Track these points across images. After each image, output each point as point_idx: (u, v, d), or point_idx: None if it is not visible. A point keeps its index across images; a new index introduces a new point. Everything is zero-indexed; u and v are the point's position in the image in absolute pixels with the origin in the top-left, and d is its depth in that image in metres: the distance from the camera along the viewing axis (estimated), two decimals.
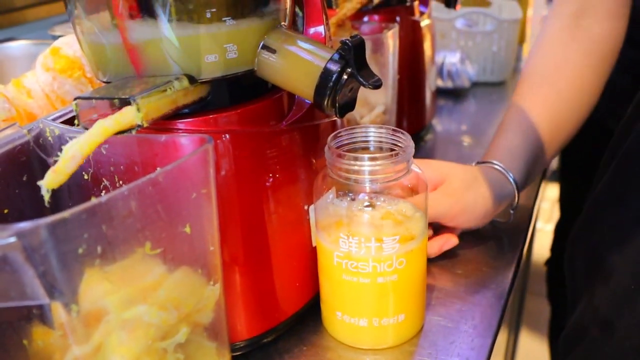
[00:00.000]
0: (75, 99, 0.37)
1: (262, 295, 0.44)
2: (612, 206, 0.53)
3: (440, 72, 1.04)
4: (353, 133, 0.45)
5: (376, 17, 0.74)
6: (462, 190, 0.55)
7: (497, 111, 1.01)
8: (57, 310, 0.33)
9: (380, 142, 0.45)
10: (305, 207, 0.46)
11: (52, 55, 0.59)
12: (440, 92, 1.06)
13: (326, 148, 0.44)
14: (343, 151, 0.43)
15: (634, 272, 0.47)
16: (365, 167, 0.42)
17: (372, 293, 0.44)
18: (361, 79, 0.38)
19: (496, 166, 0.59)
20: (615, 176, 0.53)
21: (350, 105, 0.40)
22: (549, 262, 1.14)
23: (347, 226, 0.43)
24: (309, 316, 0.49)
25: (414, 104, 0.82)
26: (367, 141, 0.46)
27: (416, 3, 0.79)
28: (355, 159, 0.42)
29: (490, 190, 0.56)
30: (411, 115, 0.82)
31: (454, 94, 1.06)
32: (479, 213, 0.56)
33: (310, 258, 0.47)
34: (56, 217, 0.28)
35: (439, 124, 0.96)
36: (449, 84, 1.05)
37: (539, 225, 2.25)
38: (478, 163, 0.61)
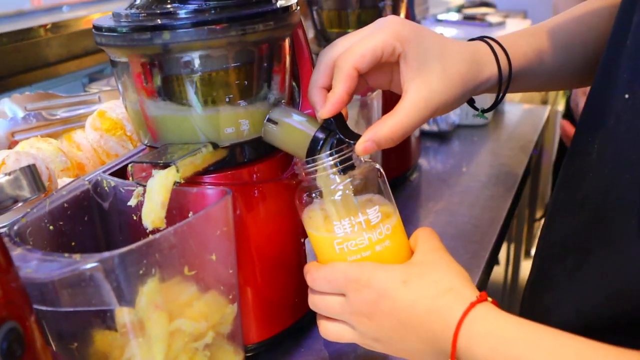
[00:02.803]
0: (130, 162, 0.51)
1: (269, 307, 0.56)
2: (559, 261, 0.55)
3: None
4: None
5: None
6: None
7: (480, 151, 1.13)
8: (121, 313, 0.46)
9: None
10: (302, 240, 0.58)
11: (99, 117, 0.73)
12: (426, 135, 1.19)
13: (296, 167, 0.52)
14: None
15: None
16: (326, 162, 0.50)
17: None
18: (346, 139, 0.51)
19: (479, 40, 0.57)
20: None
21: (350, 165, 0.51)
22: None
23: (335, 214, 0.50)
24: (307, 326, 0.61)
25: (399, 148, 0.95)
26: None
27: None
28: (315, 160, 0.50)
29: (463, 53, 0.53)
30: (397, 158, 0.95)
31: (439, 136, 1.20)
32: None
33: (305, 280, 0.59)
34: (125, 249, 0.41)
35: (425, 164, 1.09)
36: (434, 128, 1.18)
37: (533, 252, 2.35)
38: None
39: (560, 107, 3.00)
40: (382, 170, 0.53)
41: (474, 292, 0.46)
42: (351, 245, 0.50)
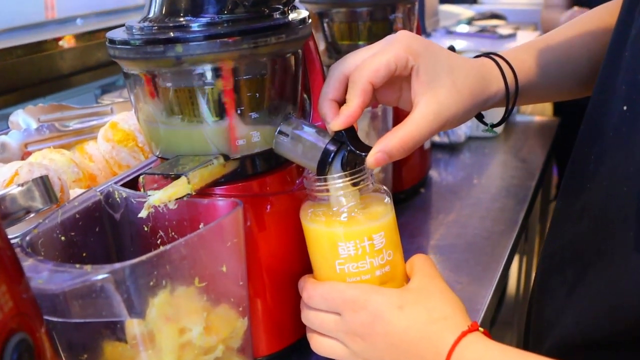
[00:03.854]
0: (142, 174, 0.51)
1: (279, 320, 0.56)
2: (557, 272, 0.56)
3: None
4: None
5: None
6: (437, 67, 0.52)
7: (491, 163, 1.13)
8: (131, 325, 0.46)
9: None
10: None
11: (111, 128, 0.73)
12: (437, 146, 1.19)
13: (305, 181, 0.53)
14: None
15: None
16: (337, 183, 0.51)
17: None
18: (357, 151, 0.51)
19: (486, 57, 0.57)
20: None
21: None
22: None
23: (341, 235, 0.51)
24: None
25: (410, 160, 0.95)
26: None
27: None
28: (326, 180, 0.51)
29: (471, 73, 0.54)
30: (408, 170, 0.95)
31: (449, 148, 1.19)
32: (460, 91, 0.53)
33: None
34: (136, 260, 0.41)
35: (436, 175, 1.08)
36: (445, 140, 1.18)
37: None
38: None
39: None
40: (390, 193, 0.54)
41: (466, 321, 0.47)
42: (352, 267, 0.51)
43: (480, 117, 0.60)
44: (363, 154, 0.51)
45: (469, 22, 2.13)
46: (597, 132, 0.52)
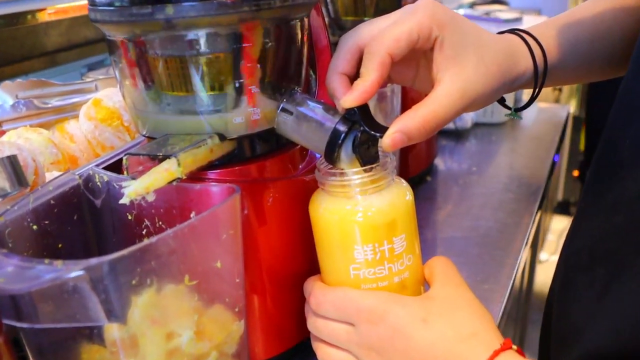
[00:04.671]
0: (125, 154, 0.45)
1: (278, 321, 0.50)
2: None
3: None
4: None
5: None
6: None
7: (499, 151, 1.07)
8: (111, 329, 0.40)
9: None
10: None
11: (95, 106, 0.66)
12: (443, 133, 1.13)
13: (317, 173, 0.47)
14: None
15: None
16: (354, 180, 0.45)
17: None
18: (373, 132, 0.45)
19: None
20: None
21: (374, 158, 0.46)
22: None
23: (358, 238, 0.45)
24: None
25: (415, 146, 0.89)
26: None
27: None
28: (342, 174, 0.45)
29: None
30: (413, 157, 0.89)
31: (455, 134, 1.14)
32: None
33: None
34: (116, 255, 0.35)
35: (441, 164, 1.03)
36: (451, 125, 1.12)
37: (544, 257, 2.30)
38: None
39: (572, 107, 2.95)
40: (410, 188, 0.48)
41: (498, 338, 0.42)
42: (369, 273, 0.46)
43: (502, 101, 0.55)
44: (378, 134, 0.45)
45: (471, 6, 2.07)
46: (630, 116, 0.47)
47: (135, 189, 0.41)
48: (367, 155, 0.46)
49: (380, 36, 0.45)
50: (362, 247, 0.45)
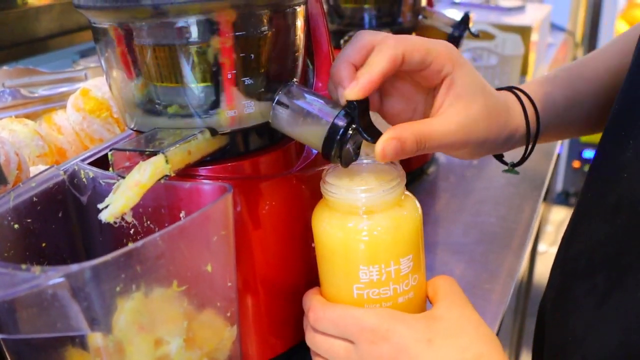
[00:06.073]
0: (110, 149, 0.42)
1: (272, 324, 0.48)
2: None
3: None
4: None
5: None
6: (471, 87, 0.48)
7: None
8: (94, 337, 0.37)
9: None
10: (313, 245, 0.50)
11: (82, 96, 0.64)
12: None
13: (321, 183, 0.45)
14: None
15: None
16: (361, 199, 0.43)
17: None
18: (365, 135, 0.43)
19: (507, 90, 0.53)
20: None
21: (355, 155, 0.45)
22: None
23: (364, 258, 0.43)
24: None
25: None
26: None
27: None
28: (349, 191, 0.43)
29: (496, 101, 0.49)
30: None
31: None
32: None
33: None
34: (99, 260, 0.33)
35: (442, 156, 1.00)
36: None
37: (542, 248, 2.28)
38: None
39: None
40: (418, 203, 0.47)
41: (503, 358, 0.42)
42: (373, 293, 0.44)
43: (499, 157, 0.57)
44: (370, 139, 0.43)
45: None
46: (634, 115, 0.45)
47: (110, 213, 0.38)
48: (349, 155, 0.43)
49: (399, 37, 0.44)
50: (368, 268, 0.43)
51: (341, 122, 0.43)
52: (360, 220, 0.43)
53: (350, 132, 0.43)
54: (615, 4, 2.66)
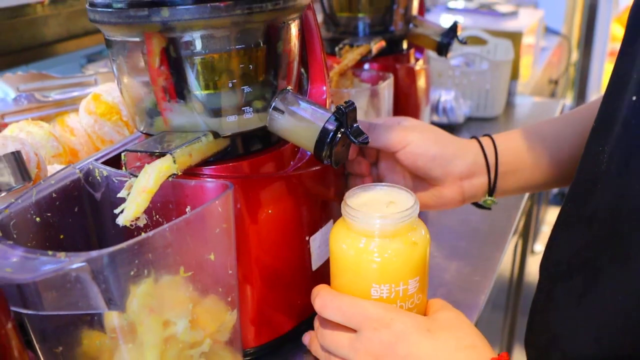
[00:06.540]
0: (124, 151, 0.47)
1: (270, 310, 0.53)
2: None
3: (436, 109, 1.13)
4: (367, 190, 0.51)
5: (375, 65, 0.84)
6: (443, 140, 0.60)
7: None
8: (110, 317, 0.42)
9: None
10: (307, 238, 0.55)
11: (94, 100, 0.68)
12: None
13: (342, 204, 0.49)
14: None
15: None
16: (376, 224, 0.47)
17: None
18: (352, 138, 0.47)
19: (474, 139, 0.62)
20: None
21: (344, 157, 0.49)
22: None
23: (376, 277, 0.47)
24: (309, 329, 0.58)
25: None
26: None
27: (412, 51, 0.89)
28: (366, 216, 0.47)
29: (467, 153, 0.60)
30: None
31: (449, 129, 1.15)
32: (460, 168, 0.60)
33: (309, 281, 0.56)
34: (116, 248, 0.37)
35: None
36: (444, 120, 1.14)
37: (538, 248, 2.32)
38: None
39: (568, 100, 2.96)
40: (426, 226, 0.51)
41: (493, 352, 0.45)
42: None
43: (477, 205, 0.65)
44: (357, 141, 0.47)
45: None
46: (608, 128, 0.48)
47: (125, 218, 0.43)
48: (339, 155, 0.48)
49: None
50: (380, 286, 0.47)
51: (331, 126, 0.47)
52: (375, 242, 0.47)
53: (339, 135, 0.47)
54: (611, 7, 2.70)
